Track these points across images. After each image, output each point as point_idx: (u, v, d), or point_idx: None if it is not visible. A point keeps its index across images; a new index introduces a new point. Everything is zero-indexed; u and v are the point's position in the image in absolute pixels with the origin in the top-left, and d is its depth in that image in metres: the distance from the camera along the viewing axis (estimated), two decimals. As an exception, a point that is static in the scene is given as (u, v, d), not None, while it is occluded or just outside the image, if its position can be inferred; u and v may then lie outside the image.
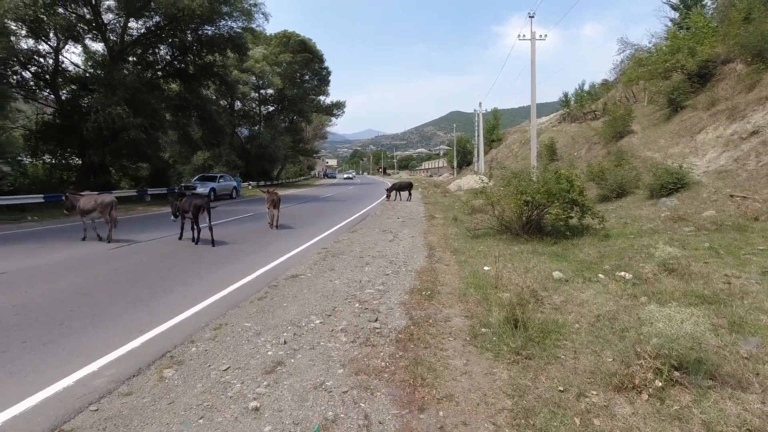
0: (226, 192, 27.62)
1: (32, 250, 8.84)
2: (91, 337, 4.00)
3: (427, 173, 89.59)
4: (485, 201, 10.70)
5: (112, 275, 6.49)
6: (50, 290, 5.68)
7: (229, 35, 27.14)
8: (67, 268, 7.02)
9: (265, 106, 53.22)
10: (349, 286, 5.76)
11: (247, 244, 9.23)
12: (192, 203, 9.59)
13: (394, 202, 21.71)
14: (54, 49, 25.22)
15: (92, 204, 9.84)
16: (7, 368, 3.41)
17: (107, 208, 9.79)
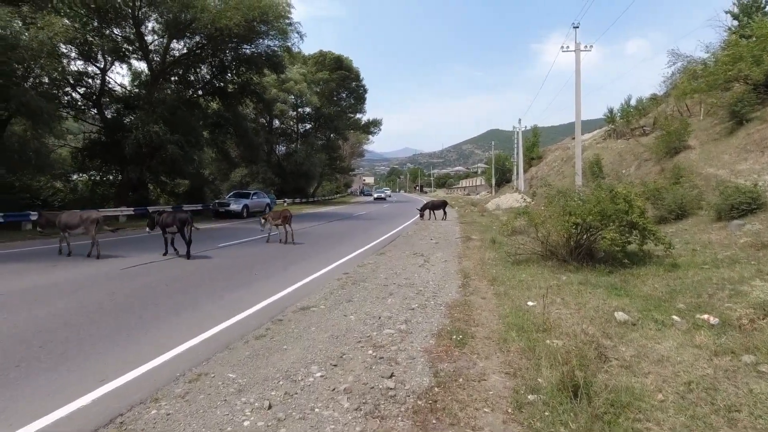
0: (259, 209, 27.49)
1: (44, 269, 8.49)
2: (39, 387, 3.30)
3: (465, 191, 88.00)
4: (527, 222, 9.62)
5: (105, 301, 5.89)
6: (29, 319, 5.11)
7: (266, 54, 27.44)
8: (63, 291, 6.51)
9: (302, 124, 53.91)
10: (365, 323, 4.87)
11: (262, 267, 8.54)
12: (177, 217, 10.12)
13: (428, 222, 20.73)
14: (101, 70, 26.19)
15: (77, 220, 10.07)
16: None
17: (92, 225, 10.02)
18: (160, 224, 10.40)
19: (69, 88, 25.08)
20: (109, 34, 24.45)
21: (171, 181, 29.12)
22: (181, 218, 10.14)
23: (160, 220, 10.48)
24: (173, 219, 10.18)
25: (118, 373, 3.44)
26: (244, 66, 27.80)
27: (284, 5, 24.65)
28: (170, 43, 25.21)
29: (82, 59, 25.54)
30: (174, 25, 22.96)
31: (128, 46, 25.60)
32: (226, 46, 25.80)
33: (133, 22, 23.29)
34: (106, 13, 22.35)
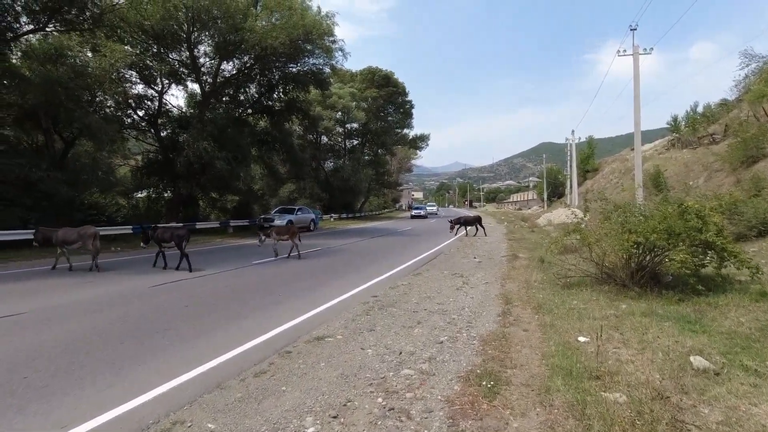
0: (303, 224, 27.61)
1: (78, 284, 8.56)
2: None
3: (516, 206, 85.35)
4: (580, 240, 8.62)
5: (117, 322, 5.65)
6: (40, 341, 4.91)
7: (311, 71, 27.88)
8: (83, 311, 6.37)
9: (349, 140, 54.48)
10: (383, 359, 4.23)
11: (287, 287, 8.12)
12: (174, 233, 10.80)
13: (474, 238, 19.77)
14: (159, 93, 27.62)
15: (75, 236, 10.60)
16: None
17: (89, 239, 10.55)
18: (155, 239, 11.03)
19: (130, 110, 26.67)
20: (167, 59, 25.81)
21: (220, 197, 29.98)
22: (178, 234, 10.81)
23: (155, 235, 11.07)
24: (171, 235, 10.82)
25: (89, 415, 3.02)
26: (290, 84, 28.41)
27: (327, 24, 24.95)
28: (221, 64, 26.17)
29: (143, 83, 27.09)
30: (224, 46, 23.78)
31: (184, 69, 26.89)
32: (273, 65, 26.47)
33: (187, 46, 24.38)
34: (164, 38, 23.55)
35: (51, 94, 17.11)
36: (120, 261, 12.48)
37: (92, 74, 18.60)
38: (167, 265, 10.74)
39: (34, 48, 19.50)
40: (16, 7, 17.60)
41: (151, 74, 26.56)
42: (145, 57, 24.86)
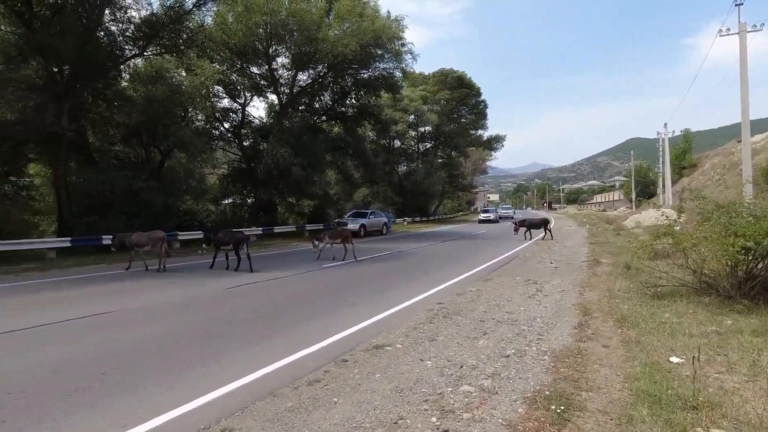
0: (376, 228, 27.89)
1: (165, 286, 9.27)
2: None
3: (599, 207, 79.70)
4: (674, 244, 7.68)
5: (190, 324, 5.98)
6: (121, 339, 5.31)
7: (382, 76, 28.20)
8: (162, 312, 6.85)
9: (422, 143, 54.33)
10: (442, 373, 3.99)
11: (353, 292, 8.11)
12: (234, 237, 11.54)
13: (552, 242, 18.63)
14: (241, 105, 29.53)
15: (145, 239, 11.71)
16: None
17: (158, 243, 11.65)
18: (215, 242, 11.99)
19: (217, 123, 28.83)
20: (249, 73, 27.57)
21: (297, 201, 31.30)
22: (237, 238, 11.58)
23: (215, 239, 12.02)
24: (230, 238, 11.64)
25: (144, 418, 3.13)
26: (362, 90, 28.98)
27: (396, 27, 25.07)
28: (296, 75, 27.38)
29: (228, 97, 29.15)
30: (299, 58, 24.82)
31: (264, 81, 28.53)
32: (345, 72, 27.16)
33: (266, 60, 25.80)
34: (246, 54, 25.15)
35: (151, 112, 18.94)
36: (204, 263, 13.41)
37: (186, 92, 20.32)
38: (229, 266, 11.55)
39: (138, 71, 21.78)
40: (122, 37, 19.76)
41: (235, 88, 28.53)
42: (230, 73, 26.76)
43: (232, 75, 27.00)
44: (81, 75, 17.69)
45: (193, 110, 25.26)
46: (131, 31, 19.68)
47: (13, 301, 7.94)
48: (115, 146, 23.26)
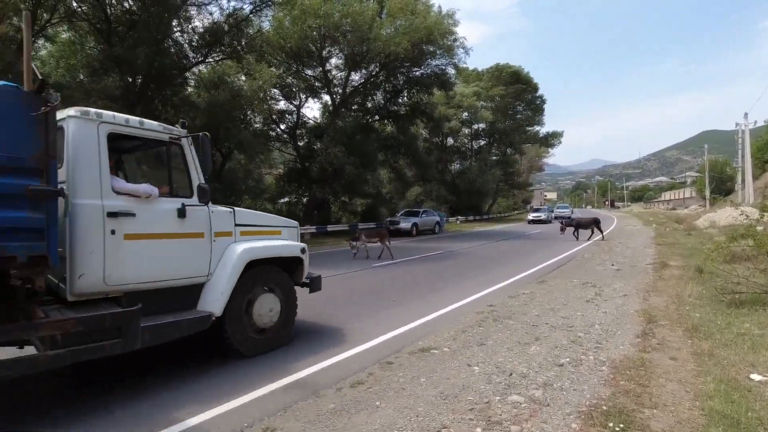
0: (428, 227, 27.69)
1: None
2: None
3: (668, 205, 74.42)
4: (755, 246, 6.96)
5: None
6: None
7: (434, 73, 27.97)
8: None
9: (476, 141, 53.31)
10: (489, 380, 3.83)
11: (400, 292, 8.05)
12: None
13: (613, 242, 17.58)
14: (296, 107, 30.39)
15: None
16: None
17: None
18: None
19: (274, 124, 29.88)
20: (304, 75, 28.34)
21: (350, 200, 31.76)
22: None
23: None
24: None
25: (177, 419, 3.23)
26: (414, 88, 28.90)
27: (448, 22, 24.73)
28: (349, 75, 27.77)
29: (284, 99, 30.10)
30: (352, 58, 25.16)
31: (318, 83, 29.20)
32: (397, 71, 27.22)
33: (320, 62, 26.38)
34: (301, 56, 25.86)
35: (214, 116, 19.95)
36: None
37: (245, 95, 21.24)
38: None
39: (202, 77, 23.05)
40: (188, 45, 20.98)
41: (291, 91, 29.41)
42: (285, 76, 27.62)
43: (287, 78, 27.87)
44: (152, 83, 18.99)
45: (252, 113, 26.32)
46: (195, 39, 20.84)
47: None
48: (181, 150, 24.73)
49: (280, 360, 4.47)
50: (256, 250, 4.70)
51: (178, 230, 4.12)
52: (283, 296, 4.93)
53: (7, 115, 2.79)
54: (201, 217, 4.30)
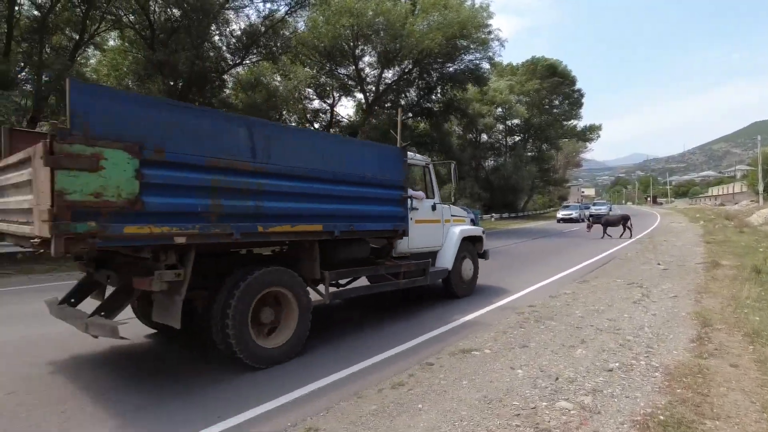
0: (461, 224, 27.34)
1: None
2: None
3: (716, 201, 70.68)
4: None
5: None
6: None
7: (468, 68, 27.59)
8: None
9: (510, 137, 52.29)
10: (535, 384, 3.71)
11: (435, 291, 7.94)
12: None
13: (657, 240, 16.81)
14: (330, 106, 30.66)
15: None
16: None
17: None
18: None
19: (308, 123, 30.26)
20: (337, 74, 28.56)
21: (384, 198, 31.78)
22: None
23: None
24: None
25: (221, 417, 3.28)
26: (448, 84, 28.64)
27: (482, 15, 24.29)
28: (382, 73, 27.78)
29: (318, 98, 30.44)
30: (384, 56, 25.15)
31: (351, 81, 29.36)
32: (430, 67, 27.04)
33: (353, 60, 26.51)
34: (334, 56, 26.07)
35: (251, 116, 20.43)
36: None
37: (281, 96, 21.64)
38: None
39: (240, 79, 23.63)
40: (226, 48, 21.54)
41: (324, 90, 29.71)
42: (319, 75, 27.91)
43: (321, 77, 28.17)
44: (192, 86, 19.62)
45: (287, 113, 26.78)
46: (233, 42, 21.37)
47: None
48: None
49: (319, 360, 4.50)
50: (465, 231, 7.66)
51: (432, 218, 7.00)
52: (473, 261, 7.87)
53: (396, 160, 5.70)
54: (440, 211, 7.16)
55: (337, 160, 4.84)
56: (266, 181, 4.12)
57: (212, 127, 3.82)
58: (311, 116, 31.48)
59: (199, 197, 3.66)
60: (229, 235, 3.83)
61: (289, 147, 4.39)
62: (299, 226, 4.43)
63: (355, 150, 5.36)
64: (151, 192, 3.38)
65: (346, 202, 4.94)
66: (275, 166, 4.20)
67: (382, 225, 5.46)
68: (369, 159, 5.37)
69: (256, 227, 4.04)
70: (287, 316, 4.54)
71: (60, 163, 2.94)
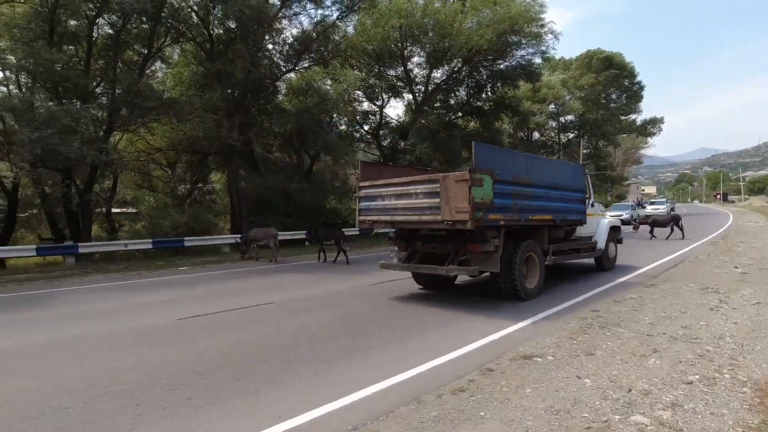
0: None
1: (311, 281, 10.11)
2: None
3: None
4: None
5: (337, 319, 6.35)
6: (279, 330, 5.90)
7: (520, 65, 26.86)
8: (310, 306, 7.41)
9: (564, 134, 50.31)
10: (605, 396, 3.51)
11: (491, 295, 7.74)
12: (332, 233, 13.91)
13: (733, 241, 15.50)
14: (379, 107, 30.85)
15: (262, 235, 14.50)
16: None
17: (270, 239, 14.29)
18: (317, 239, 14.07)
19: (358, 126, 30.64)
20: (386, 76, 28.70)
21: (433, 198, 31.58)
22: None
23: (316, 236, 14.15)
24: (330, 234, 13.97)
25: (291, 413, 3.34)
26: (499, 82, 28.04)
27: (535, 8, 23.51)
28: (431, 73, 27.61)
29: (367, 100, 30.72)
30: (433, 55, 24.97)
31: (400, 82, 29.40)
32: (480, 65, 26.57)
33: (402, 61, 26.53)
34: (383, 58, 26.21)
35: (303, 121, 20.97)
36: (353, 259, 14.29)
37: (331, 99, 22.05)
38: (327, 260, 13.75)
39: (292, 85, 24.35)
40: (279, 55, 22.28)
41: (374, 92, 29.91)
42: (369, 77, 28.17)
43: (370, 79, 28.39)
44: (248, 93, 20.43)
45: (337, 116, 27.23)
46: (286, 50, 22.04)
47: (199, 290, 9.51)
48: (273, 153, 26.36)
49: (378, 360, 4.51)
50: (611, 222, 10.89)
51: (594, 212, 9.90)
52: (615, 244, 10.84)
53: (581, 173, 8.98)
54: (597, 207, 10.30)
55: (556, 174, 8.05)
56: (533, 189, 7.20)
57: (511, 158, 7.24)
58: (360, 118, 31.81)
59: (509, 199, 6.70)
60: (518, 220, 6.94)
61: (538, 168, 7.48)
62: (544, 216, 7.54)
63: (562, 167, 9.38)
64: (496, 197, 6.39)
65: (560, 201, 8.00)
66: (535, 179, 7.23)
67: (574, 216, 8.55)
68: (567, 173, 8.51)
69: (529, 216, 7.14)
70: (533, 270, 7.57)
71: (473, 183, 6.02)
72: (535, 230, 7.72)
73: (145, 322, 6.50)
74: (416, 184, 6.83)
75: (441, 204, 6.27)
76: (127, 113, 17.09)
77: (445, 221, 6.23)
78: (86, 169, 16.78)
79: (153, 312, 7.24)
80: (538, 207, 7.23)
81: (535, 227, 7.64)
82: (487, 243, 6.57)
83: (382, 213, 7.44)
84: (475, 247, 6.69)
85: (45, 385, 4.06)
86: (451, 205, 6.13)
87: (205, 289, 9.63)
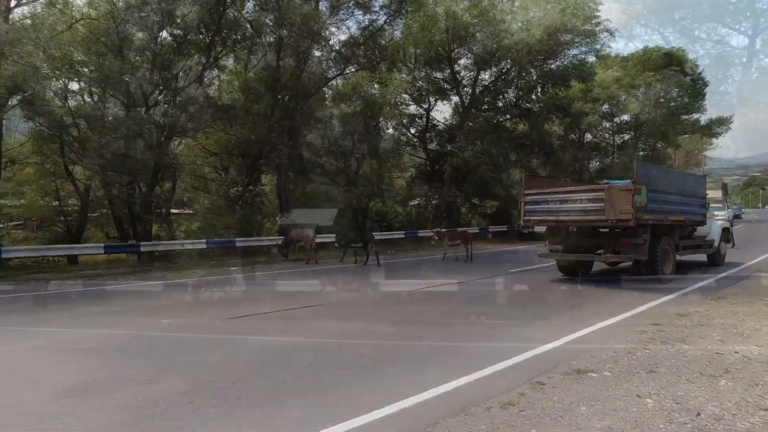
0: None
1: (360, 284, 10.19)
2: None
3: None
4: None
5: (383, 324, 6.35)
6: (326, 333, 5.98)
7: (571, 64, 25.90)
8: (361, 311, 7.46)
9: (619, 135, 47.86)
10: (670, 419, 3.26)
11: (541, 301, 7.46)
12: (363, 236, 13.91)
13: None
14: (426, 110, 30.74)
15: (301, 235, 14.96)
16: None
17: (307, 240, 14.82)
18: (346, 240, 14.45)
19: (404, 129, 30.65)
20: (432, 78, 28.55)
21: (481, 202, 31.01)
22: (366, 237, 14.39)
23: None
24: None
25: (346, 416, 3.35)
26: (549, 83, 27.14)
27: (589, 6, 22.57)
28: (478, 75, 27.19)
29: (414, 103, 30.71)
30: (481, 57, 24.58)
31: (447, 85, 29.15)
32: (530, 65, 25.83)
33: (449, 64, 26.30)
34: (430, 60, 26.11)
35: (349, 125, 21.28)
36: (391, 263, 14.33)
37: (377, 103, 22.24)
38: (357, 261, 13.94)
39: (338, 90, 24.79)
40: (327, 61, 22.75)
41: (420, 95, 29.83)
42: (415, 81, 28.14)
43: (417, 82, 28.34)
44: (297, 98, 20.99)
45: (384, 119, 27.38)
46: (333, 56, 22.46)
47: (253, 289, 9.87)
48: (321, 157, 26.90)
49: (426, 368, 4.46)
50: (723, 224, 12.44)
51: (709, 216, 11.55)
52: (725, 244, 12.28)
53: (702, 182, 11.73)
54: (711, 210, 11.88)
55: (685, 183, 10.42)
56: (671, 196, 9.35)
57: (657, 172, 9.65)
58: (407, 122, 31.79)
59: (656, 204, 8.74)
60: (661, 220, 9.07)
61: (673, 179, 10.18)
62: (678, 217, 9.71)
63: (688, 177, 12.21)
64: (649, 202, 8.42)
65: (688, 205, 10.06)
66: (671, 188, 9.45)
67: (698, 218, 10.60)
68: (692, 182, 10.85)
69: (669, 217, 9.29)
70: (669, 259, 9.55)
71: (635, 192, 8.09)
72: (670, 228, 9.66)
73: (201, 321, 6.80)
74: (580, 192, 9.06)
75: (606, 207, 8.27)
76: (185, 119, 18.03)
77: (610, 220, 8.30)
78: (149, 172, 17.85)
79: (209, 311, 7.58)
80: (673, 210, 9.41)
81: (670, 226, 9.56)
82: (638, 237, 8.59)
83: (547, 214, 9.43)
84: (628, 240, 8.75)
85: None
86: (615, 208, 8.07)
87: (257, 288, 9.98)
